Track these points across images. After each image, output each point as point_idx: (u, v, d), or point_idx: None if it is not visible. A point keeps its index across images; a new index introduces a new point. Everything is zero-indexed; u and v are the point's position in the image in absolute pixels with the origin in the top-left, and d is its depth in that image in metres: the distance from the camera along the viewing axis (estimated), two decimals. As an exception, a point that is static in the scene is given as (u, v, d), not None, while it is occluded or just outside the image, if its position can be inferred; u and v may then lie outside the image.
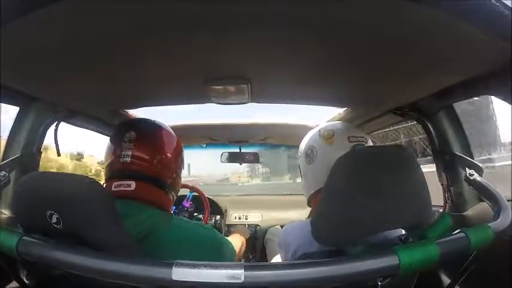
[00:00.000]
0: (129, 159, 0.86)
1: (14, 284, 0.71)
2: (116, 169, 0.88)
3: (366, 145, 0.90)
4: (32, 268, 0.62)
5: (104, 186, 0.87)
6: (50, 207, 0.60)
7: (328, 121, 1.46)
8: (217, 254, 0.86)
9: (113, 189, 0.84)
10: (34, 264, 0.59)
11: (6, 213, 0.99)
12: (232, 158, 2.14)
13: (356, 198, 0.60)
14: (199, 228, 0.87)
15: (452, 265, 0.59)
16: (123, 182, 0.85)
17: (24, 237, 0.56)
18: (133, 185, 0.84)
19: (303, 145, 0.99)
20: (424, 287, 0.75)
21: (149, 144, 0.90)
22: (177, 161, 0.97)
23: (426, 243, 0.55)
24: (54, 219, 0.60)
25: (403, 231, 0.73)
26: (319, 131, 0.95)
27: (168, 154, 0.92)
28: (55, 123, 1.12)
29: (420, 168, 0.66)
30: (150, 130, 0.94)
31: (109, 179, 0.88)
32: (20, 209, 0.68)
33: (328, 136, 0.91)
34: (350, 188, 0.62)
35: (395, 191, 0.61)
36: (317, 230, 0.66)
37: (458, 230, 0.59)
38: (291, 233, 0.86)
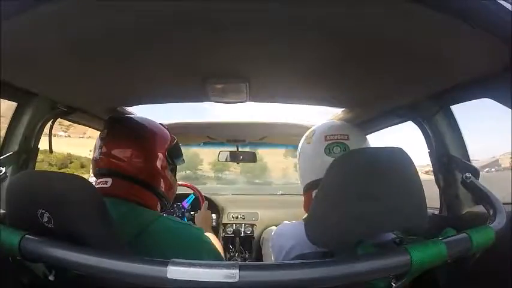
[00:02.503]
0: (100, 156, 0.87)
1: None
2: (94, 166, 0.90)
3: (346, 142, 0.88)
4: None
5: None
6: (41, 206, 0.60)
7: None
8: (204, 254, 0.85)
9: (96, 186, 0.84)
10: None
11: (4, 210, 0.99)
12: (230, 157, 2.15)
13: (349, 201, 0.60)
14: (187, 228, 0.86)
15: (449, 266, 0.59)
16: (101, 179, 0.86)
17: (27, 236, 0.55)
18: (109, 182, 0.85)
19: None
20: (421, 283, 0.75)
21: (119, 141, 0.89)
22: (159, 157, 0.93)
23: (435, 242, 0.56)
24: (45, 218, 0.60)
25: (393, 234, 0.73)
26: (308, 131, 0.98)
27: (146, 150, 0.90)
28: (51, 120, 1.12)
29: (416, 170, 0.66)
30: (123, 127, 0.93)
31: (94, 176, 0.90)
32: (11, 208, 0.67)
33: (309, 136, 0.94)
34: (343, 191, 0.62)
35: (389, 195, 0.61)
36: (310, 231, 0.66)
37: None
38: (284, 235, 0.86)
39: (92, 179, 0.95)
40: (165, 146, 0.95)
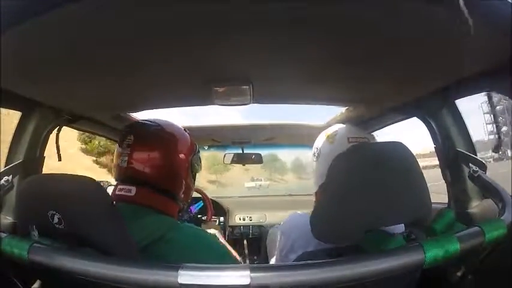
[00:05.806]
0: (126, 164, 0.86)
1: None
2: (118, 173, 0.89)
3: None
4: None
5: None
6: (51, 207, 0.60)
7: (330, 120, 1.47)
8: (223, 260, 0.84)
9: (117, 192, 0.85)
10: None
11: (10, 218, 0.99)
12: (235, 159, 2.15)
13: (352, 195, 0.60)
14: (205, 233, 0.87)
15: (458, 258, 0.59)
16: (124, 187, 0.85)
17: (35, 244, 0.56)
18: (133, 190, 0.84)
19: (313, 145, 1.02)
20: (430, 281, 0.74)
21: (147, 149, 0.87)
22: (184, 164, 0.93)
23: (448, 237, 0.55)
24: (55, 220, 0.60)
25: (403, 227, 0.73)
26: (326, 131, 0.98)
27: (172, 158, 0.90)
28: (57, 128, 1.12)
29: (418, 164, 0.66)
30: (149, 134, 0.91)
31: (116, 181, 0.89)
32: (22, 212, 0.68)
33: (331, 136, 0.95)
34: (347, 185, 0.62)
35: (392, 188, 0.61)
36: (315, 227, 0.66)
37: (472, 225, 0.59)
38: (293, 223, 0.91)
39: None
40: (192, 155, 0.96)
